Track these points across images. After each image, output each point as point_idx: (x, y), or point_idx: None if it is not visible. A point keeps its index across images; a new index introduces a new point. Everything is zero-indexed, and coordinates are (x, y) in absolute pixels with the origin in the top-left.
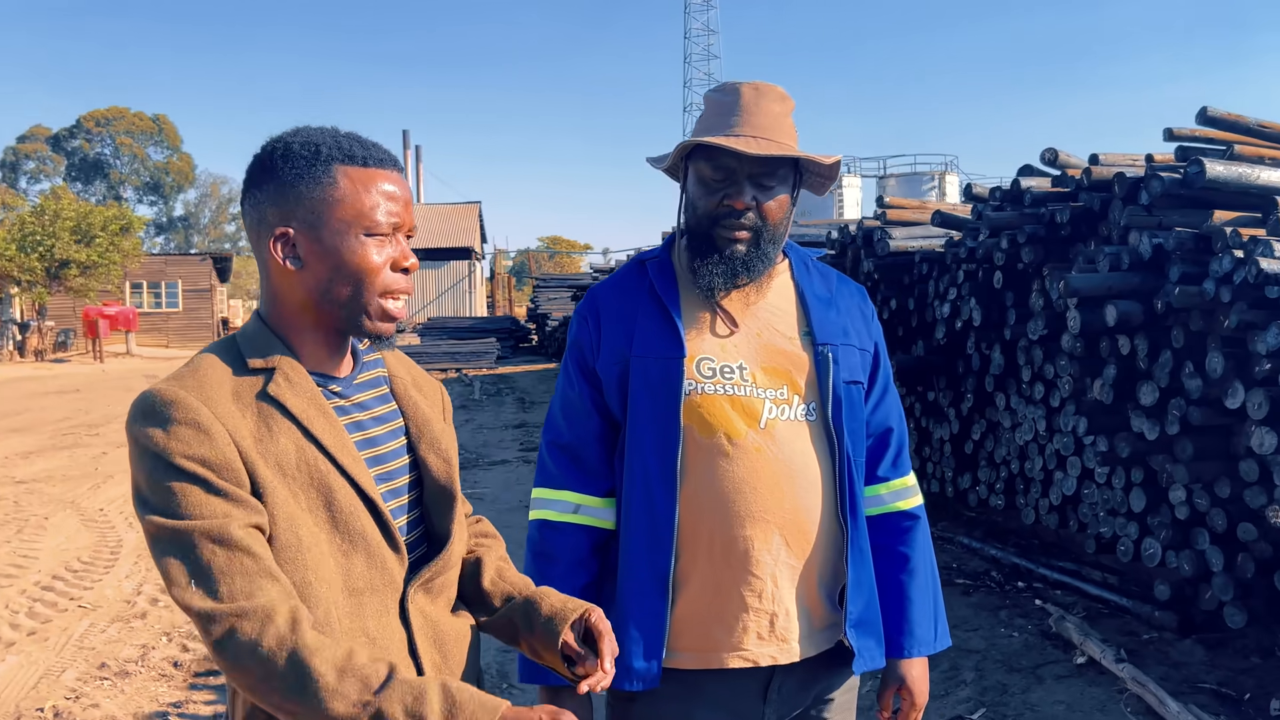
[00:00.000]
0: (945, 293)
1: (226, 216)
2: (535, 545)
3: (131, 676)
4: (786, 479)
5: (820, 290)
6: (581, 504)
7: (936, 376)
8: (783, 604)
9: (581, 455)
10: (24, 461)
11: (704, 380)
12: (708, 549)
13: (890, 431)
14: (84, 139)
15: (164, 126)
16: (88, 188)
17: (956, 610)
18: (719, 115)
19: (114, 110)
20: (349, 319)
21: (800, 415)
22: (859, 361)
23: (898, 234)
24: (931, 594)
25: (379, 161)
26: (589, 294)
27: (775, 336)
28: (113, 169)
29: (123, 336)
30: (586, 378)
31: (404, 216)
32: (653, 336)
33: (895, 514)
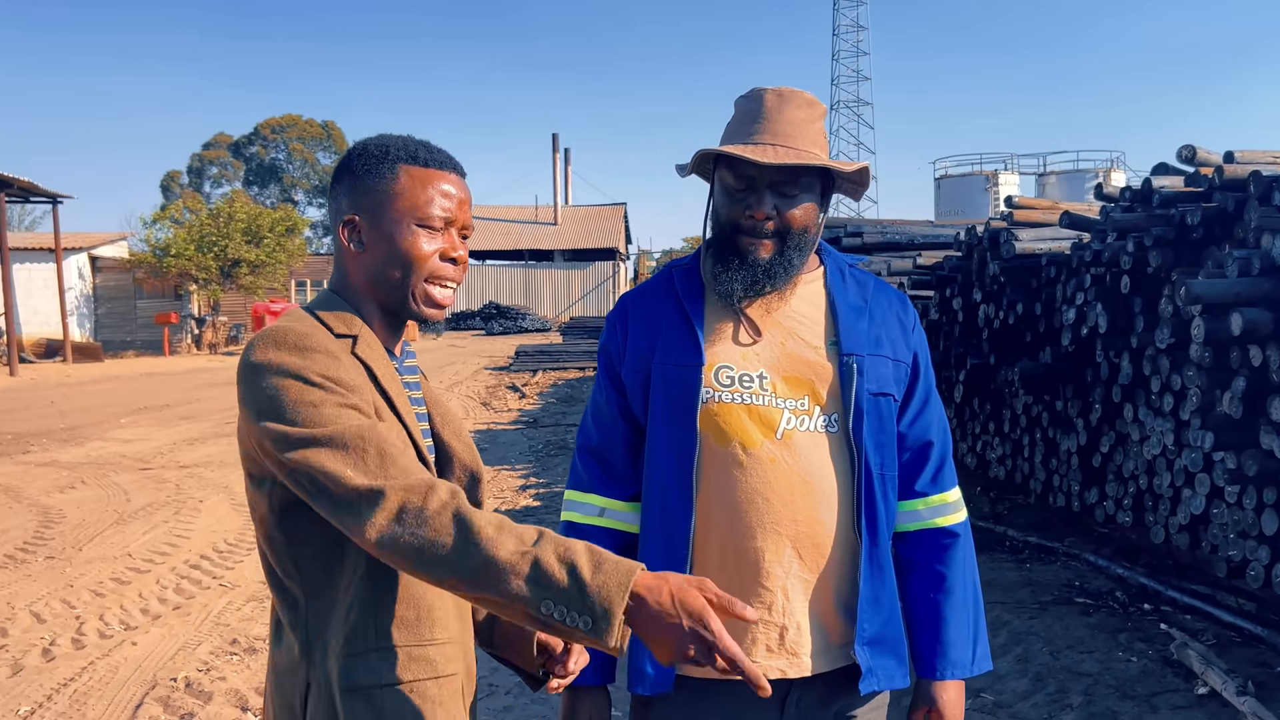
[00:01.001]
0: (1072, 297)
1: None
2: None
3: (258, 653)
4: (801, 491)
5: (853, 298)
6: (607, 507)
7: (1063, 385)
8: (794, 617)
9: (608, 460)
10: (189, 448)
11: (722, 389)
12: (720, 558)
13: (930, 445)
14: (260, 145)
15: (332, 132)
16: (263, 191)
17: (1073, 630)
18: (743, 122)
19: (288, 118)
20: (399, 300)
21: (820, 426)
22: (891, 373)
23: (1025, 235)
24: (970, 615)
25: (439, 164)
26: (619, 301)
27: (799, 345)
28: (286, 173)
29: None
30: (614, 384)
31: (457, 214)
32: (674, 344)
33: (934, 530)
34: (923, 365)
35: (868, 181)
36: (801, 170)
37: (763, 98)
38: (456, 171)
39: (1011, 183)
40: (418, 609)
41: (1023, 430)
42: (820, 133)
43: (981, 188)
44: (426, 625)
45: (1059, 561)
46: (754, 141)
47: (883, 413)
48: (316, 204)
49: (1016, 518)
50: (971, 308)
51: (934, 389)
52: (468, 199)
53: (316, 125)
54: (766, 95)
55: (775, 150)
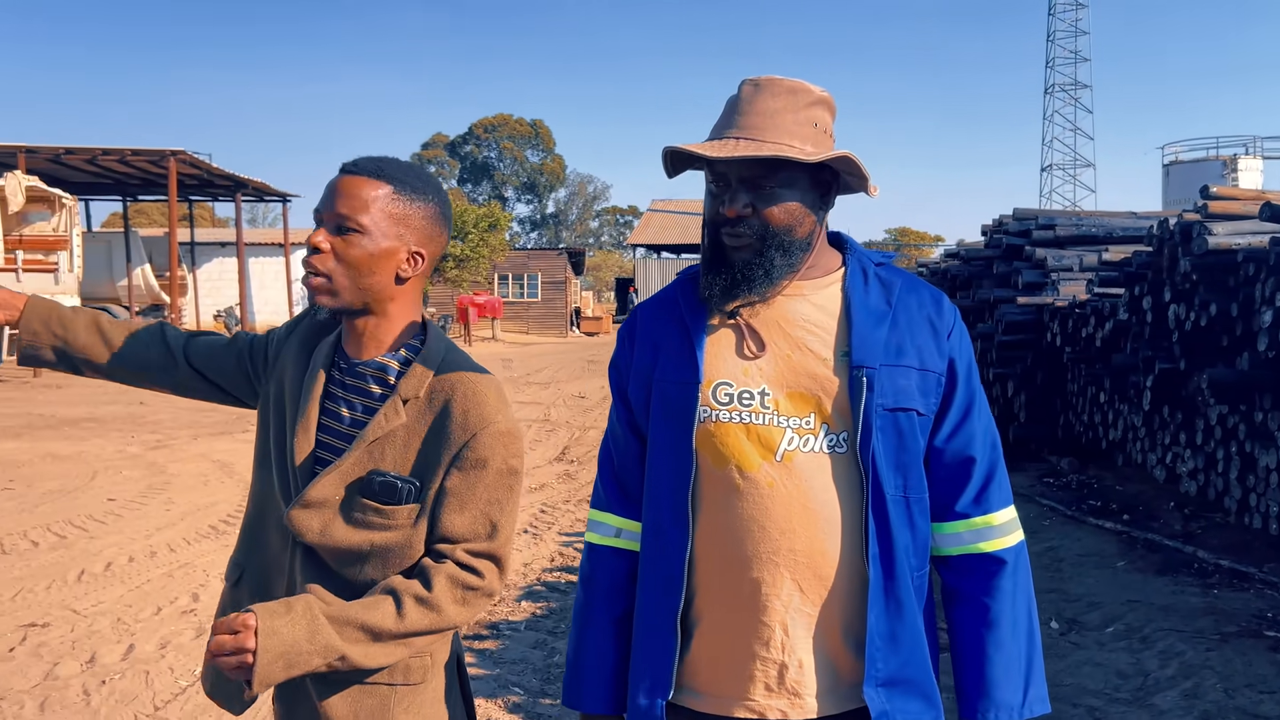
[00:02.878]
0: (1271, 298)
1: (591, 213)
2: (581, 568)
3: None
4: (801, 517)
5: (874, 303)
6: (622, 528)
7: (1261, 395)
8: (794, 654)
9: (624, 479)
10: None
11: (719, 407)
12: (718, 589)
13: (972, 462)
14: (474, 145)
15: (540, 131)
16: (476, 189)
17: (1256, 667)
18: (722, 116)
19: (499, 118)
20: None
21: (826, 447)
22: (916, 384)
23: (1220, 229)
24: (1020, 651)
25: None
26: (631, 312)
27: (806, 358)
28: (497, 170)
29: (489, 323)
30: (623, 401)
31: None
32: (673, 360)
33: (977, 556)
34: (962, 373)
35: (863, 173)
36: (779, 164)
37: (740, 88)
38: (345, 171)
39: (1254, 168)
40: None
41: (1217, 442)
42: (803, 122)
43: (1218, 174)
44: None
45: (1253, 589)
46: (723, 135)
47: (902, 430)
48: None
49: (1209, 538)
50: (1161, 307)
51: (979, 399)
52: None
53: (525, 124)
54: (743, 86)
55: (737, 144)
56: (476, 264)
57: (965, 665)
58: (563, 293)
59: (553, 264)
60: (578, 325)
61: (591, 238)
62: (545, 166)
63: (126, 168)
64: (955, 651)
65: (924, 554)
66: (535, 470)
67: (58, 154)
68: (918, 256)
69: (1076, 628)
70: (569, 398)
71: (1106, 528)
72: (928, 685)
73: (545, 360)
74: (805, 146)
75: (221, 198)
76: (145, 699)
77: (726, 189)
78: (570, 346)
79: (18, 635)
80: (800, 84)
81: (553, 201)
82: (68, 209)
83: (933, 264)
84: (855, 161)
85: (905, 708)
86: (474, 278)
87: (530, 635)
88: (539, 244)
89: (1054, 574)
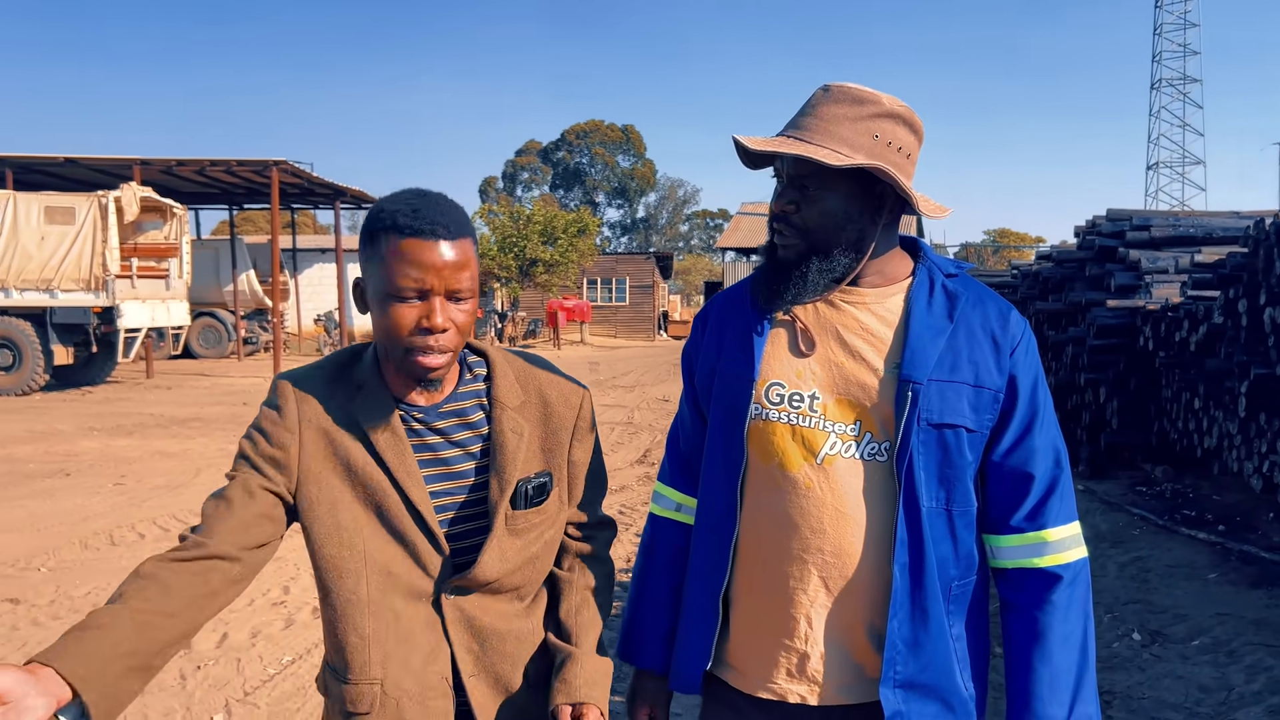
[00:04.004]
0: None
1: (681, 217)
2: (644, 537)
3: None
4: (833, 519)
5: (936, 315)
6: (683, 503)
7: None
8: (817, 646)
9: (688, 456)
10: None
11: (770, 406)
12: (754, 578)
13: (1030, 478)
14: (566, 151)
15: (631, 136)
16: (568, 194)
17: None
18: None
19: (591, 124)
20: (394, 364)
21: (865, 454)
22: (969, 401)
23: None
24: (1070, 665)
25: (416, 231)
26: (706, 303)
27: (858, 366)
28: (588, 176)
29: (578, 327)
30: (691, 383)
31: (433, 282)
32: (734, 354)
33: (1030, 571)
34: (1023, 390)
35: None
36: (817, 167)
37: (814, 93)
38: (434, 237)
39: None
40: (337, 649)
41: None
42: (861, 131)
43: None
44: (343, 665)
45: None
46: (780, 134)
47: (948, 445)
48: (615, 205)
49: None
50: (1257, 310)
51: (1043, 415)
52: (449, 263)
53: (617, 129)
54: (817, 91)
55: (784, 141)
56: (565, 268)
57: (1013, 677)
58: (650, 296)
59: (640, 268)
60: (665, 329)
61: (681, 241)
62: (636, 171)
63: (233, 178)
64: (1006, 663)
65: (969, 565)
66: (617, 472)
67: (169, 166)
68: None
69: (1160, 640)
70: (653, 401)
71: (1200, 538)
72: (950, 692)
73: (631, 364)
74: (849, 153)
75: (322, 205)
76: (236, 685)
77: (781, 185)
78: (657, 350)
79: None
80: (872, 94)
81: (643, 206)
82: (178, 218)
83: (1024, 266)
84: (890, 173)
85: (922, 710)
86: (563, 282)
87: (605, 633)
88: (629, 248)
89: (1140, 585)
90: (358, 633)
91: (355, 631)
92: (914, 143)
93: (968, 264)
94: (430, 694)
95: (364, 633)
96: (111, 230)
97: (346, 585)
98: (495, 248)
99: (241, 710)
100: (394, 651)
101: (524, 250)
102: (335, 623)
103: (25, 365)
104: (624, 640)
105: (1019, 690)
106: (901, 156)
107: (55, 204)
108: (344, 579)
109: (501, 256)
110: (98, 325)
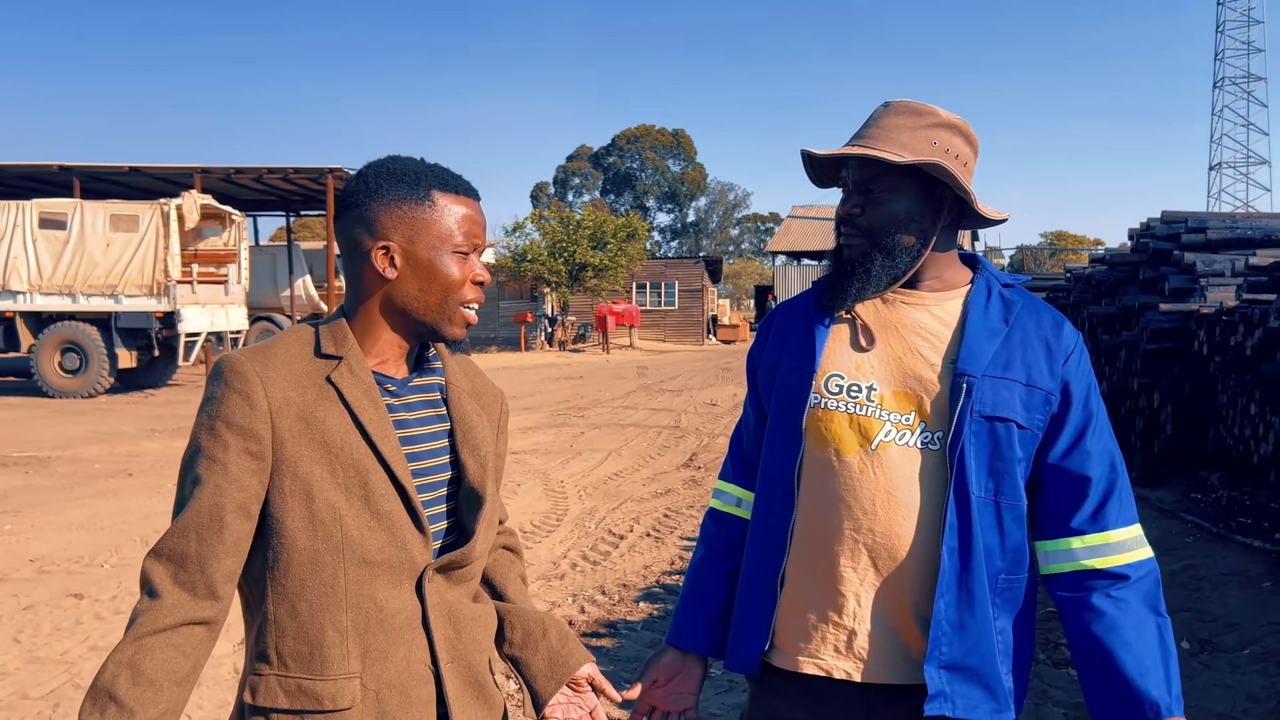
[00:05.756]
0: None
1: (731, 221)
2: (703, 530)
3: None
4: (885, 502)
5: (992, 318)
6: (743, 499)
7: None
8: (864, 624)
9: (749, 455)
10: (522, 435)
11: (829, 396)
12: (806, 558)
13: (1087, 481)
14: (616, 156)
15: (681, 140)
16: (619, 199)
17: None
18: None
19: (641, 129)
20: (434, 323)
21: (921, 443)
22: (1021, 398)
23: None
24: (1152, 653)
25: (467, 191)
26: (770, 311)
27: (916, 361)
28: (639, 181)
29: (627, 331)
30: (754, 385)
31: (481, 239)
32: (796, 350)
33: (1091, 572)
34: (1077, 396)
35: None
36: (882, 171)
37: (875, 109)
38: (478, 198)
39: None
40: (310, 645)
41: None
42: (921, 139)
43: None
44: (319, 662)
45: None
46: (846, 144)
47: (999, 437)
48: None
49: None
50: None
51: (1097, 421)
52: (485, 224)
53: (667, 134)
54: (878, 107)
55: (850, 148)
56: (615, 273)
57: (1095, 670)
58: (699, 301)
59: (690, 272)
60: (714, 333)
61: (731, 245)
62: (686, 175)
63: (289, 185)
64: (1080, 666)
65: (1016, 561)
66: (662, 476)
67: (228, 174)
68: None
69: (1209, 649)
70: (700, 405)
71: (1255, 546)
72: (993, 679)
73: (680, 368)
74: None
75: None
76: None
77: (847, 192)
78: (705, 354)
79: None
80: (930, 107)
81: (693, 210)
82: (237, 225)
83: (1078, 269)
84: (948, 169)
85: (966, 693)
86: (612, 286)
87: (646, 635)
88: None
89: (1191, 593)
90: (335, 627)
91: (333, 626)
92: (970, 153)
93: (1023, 276)
94: (413, 683)
95: (342, 626)
96: (173, 237)
97: (323, 578)
98: (545, 252)
99: None
100: (374, 643)
101: (574, 255)
102: (307, 619)
103: (91, 369)
104: (675, 625)
105: (1104, 678)
106: (959, 164)
107: (120, 212)
108: (320, 571)
109: (551, 261)
110: (160, 330)
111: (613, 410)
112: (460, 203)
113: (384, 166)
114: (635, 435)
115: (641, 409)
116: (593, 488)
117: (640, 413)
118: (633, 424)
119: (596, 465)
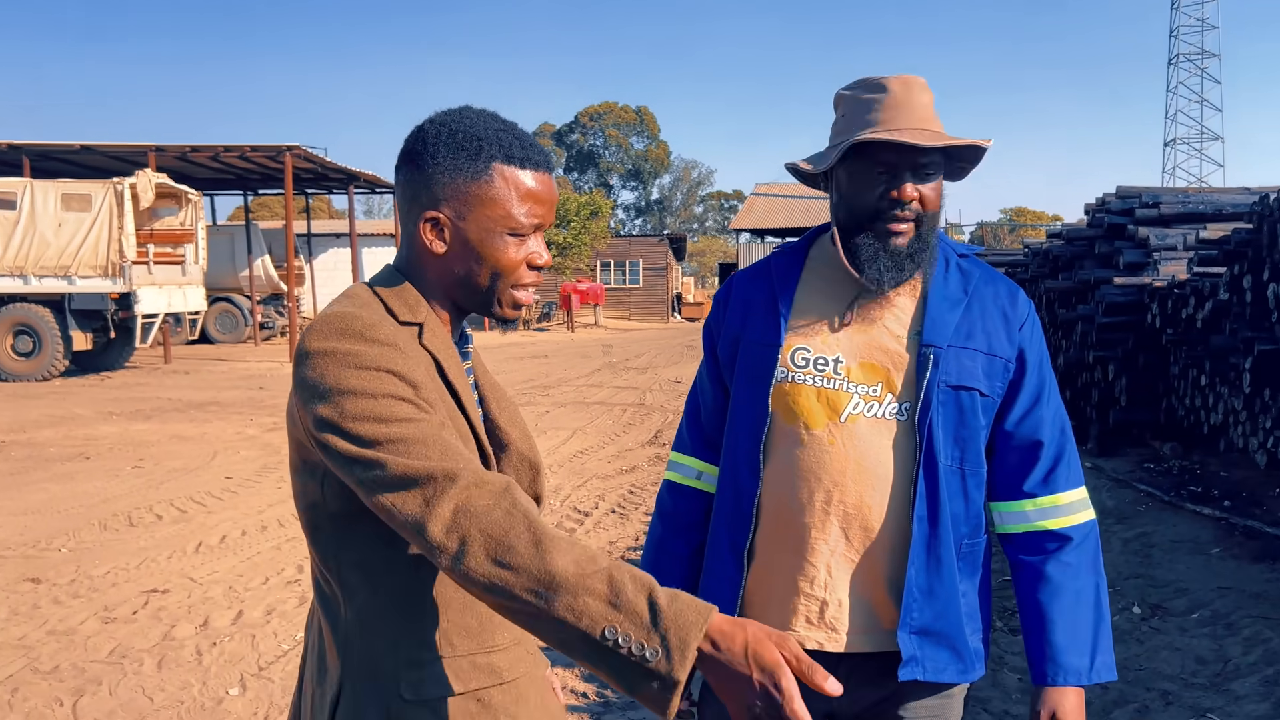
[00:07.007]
0: None
1: (695, 199)
2: (660, 504)
3: None
4: (854, 473)
5: (951, 290)
6: (703, 471)
7: None
8: (835, 594)
9: (707, 426)
10: None
11: (796, 370)
12: (775, 531)
13: (1040, 445)
14: (580, 133)
15: (645, 118)
16: (582, 177)
17: None
18: (868, 111)
19: (605, 106)
20: (482, 303)
21: (889, 414)
22: (982, 367)
23: None
24: (1088, 619)
25: (534, 163)
26: (726, 281)
27: (881, 333)
28: (602, 158)
29: (591, 310)
30: (712, 357)
31: (546, 217)
32: (759, 323)
33: (1042, 533)
34: (1031, 362)
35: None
36: (935, 151)
37: (888, 87)
38: (548, 169)
39: None
40: (479, 615)
41: None
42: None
43: None
44: (489, 631)
45: None
46: (896, 128)
47: (963, 406)
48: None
49: None
50: (1261, 286)
51: (1049, 387)
52: (555, 199)
53: (631, 111)
54: (891, 84)
55: (923, 134)
56: (579, 251)
57: (1032, 634)
58: (664, 279)
59: (654, 250)
60: (679, 311)
61: (696, 223)
62: (650, 153)
63: (246, 163)
64: (1023, 623)
65: (976, 526)
66: (627, 453)
67: (184, 152)
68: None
69: (1160, 613)
70: (665, 383)
71: (1204, 514)
72: (959, 641)
73: (644, 346)
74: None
75: (336, 190)
76: (251, 660)
77: (895, 177)
78: (670, 332)
79: (140, 600)
80: (926, 83)
81: (657, 188)
82: (193, 204)
83: (1035, 244)
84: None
85: (935, 656)
86: (576, 265)
87: None
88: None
89: (1143, 559)
90: None
91: None
92: None
93: (977, 247)
94: (528, 639)
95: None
96: (127, 216)
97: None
98: None
99: (256, 684)
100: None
101: None
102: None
103: (45, 351)
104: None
105: (1038, 642)
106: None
107: (72, 191)
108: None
109: None
110: (115, 311)
111: (577, 388)
112: (526, 177)
113: (446, 125)
114: (600, 413)
115: (606, 387)
116: (558, 465)
117: (605, 390)
118: (598, 402)
119: (562, 443)
